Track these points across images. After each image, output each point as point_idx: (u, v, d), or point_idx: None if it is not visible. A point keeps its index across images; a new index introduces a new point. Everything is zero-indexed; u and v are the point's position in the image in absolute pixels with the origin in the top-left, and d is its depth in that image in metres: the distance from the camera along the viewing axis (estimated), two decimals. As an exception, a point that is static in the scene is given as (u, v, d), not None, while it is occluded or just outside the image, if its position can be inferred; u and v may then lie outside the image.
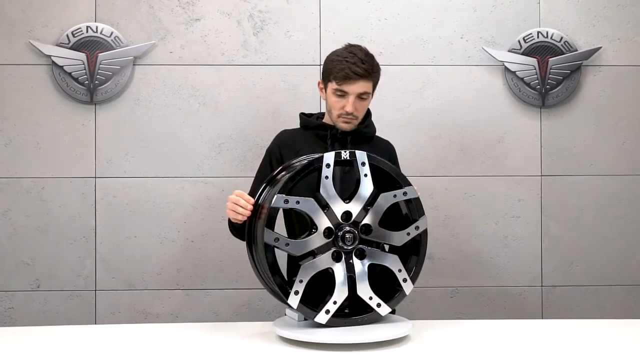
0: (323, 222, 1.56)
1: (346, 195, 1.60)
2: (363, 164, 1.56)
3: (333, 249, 1.57)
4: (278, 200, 1.54)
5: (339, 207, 1.56)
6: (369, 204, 1.57)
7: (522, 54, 2.62)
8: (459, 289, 2.64)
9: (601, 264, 2.65)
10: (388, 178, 1.62)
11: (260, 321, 1.83)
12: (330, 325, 1.57)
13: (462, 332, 1.70)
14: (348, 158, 1.57)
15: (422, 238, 1.65)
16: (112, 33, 2.56)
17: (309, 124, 1.96)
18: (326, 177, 1.55)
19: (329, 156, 1.57)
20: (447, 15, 2.64)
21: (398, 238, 1.61)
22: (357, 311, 1.62)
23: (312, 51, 2.61)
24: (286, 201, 1.54)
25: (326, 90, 1.88)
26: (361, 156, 1.57)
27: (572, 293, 2.65)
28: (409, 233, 1.61)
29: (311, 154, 1.73)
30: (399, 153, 2.12)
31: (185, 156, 2.60)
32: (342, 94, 1.83)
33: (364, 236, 1.58)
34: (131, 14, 2.59)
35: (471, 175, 2.64)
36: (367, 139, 1.95)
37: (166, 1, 2.60)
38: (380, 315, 1.60)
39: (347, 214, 1.58)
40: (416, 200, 1.62)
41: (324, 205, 1.56)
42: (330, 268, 1.56)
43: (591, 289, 2.65)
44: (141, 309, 2.59)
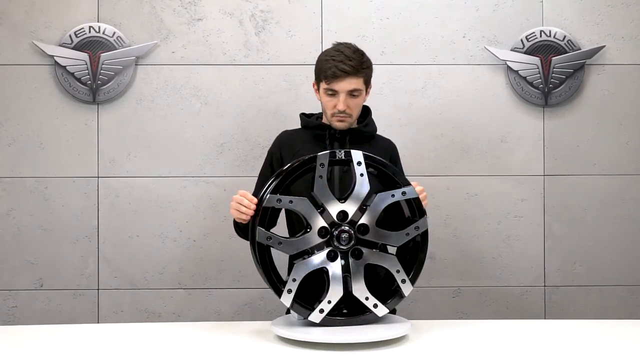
0: (318, 222, 1.56)
1: (345, 194, 1.60)
2: (359, 164, 1.56)
3: (329, 249, 1.57)
4: (271, 200, 1.54)
5: (335, 207, 1.56)
6: (366, 204, 1.56)
7: (525, 53, 2.60)
8: (461, 289, 2.63)
9: (604, 264, 2.63)
10: (389, 178, 1.61)
11: (261, 320, 1.83)
12: (325, 324, 1.57)
13: (463, 333, 1.69)
14: (343, 157, 1.56)
15: (423, 239, 1.63)
16: (115, 33, 2.57)
17: (309, 124, 1.96)
18: (320, 177, 1.55)
19: (323, 156, 1.57)
20: (449, 14, 2.63)
21: (397, 238, 1.59)
22: (356, 311, 1.62)
23: (314, 51, 2.61)
24: (279, 200, 1.55)
25: (319, 90, 1.89)
26: (357, 155, 1.56)
27: (575, 293, 2.63)
28: (408, 233, 1.59)
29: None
30: (401, 153, 2.11)
31: (187, 156, 2.61)
32: (333, 93, 1.83)
33: (361, 236, 1.58)
34: (133, 14, 2.60)
35: (473, 174, 2.63)
36: (368, 138, 1.95)
37: (168, 1, 2.61)
38: (377, 316, 1.59)
39: (343, 214, 1.58)
40: (416, 200, 1.60)
41: (319, 205, 1.56)
42: (324, 267, 1.55)
43: (594, 289, 2.63)
44: (143, 308, 2.60)
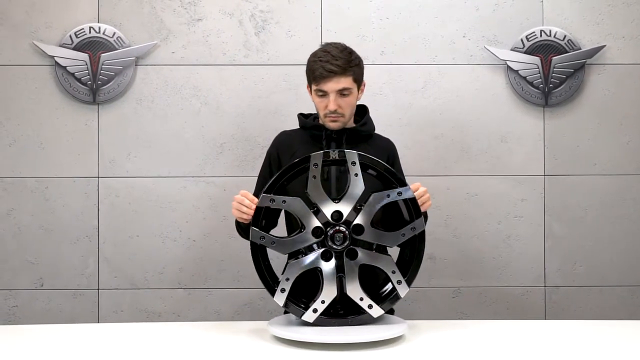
0: (312, 222, 1.57)
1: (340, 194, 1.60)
2: (353, 164, 1.55)
3: (323, 249, 1.57)
4: (264, 199, 1.55)
5: (329, 207, 1.56)
6: (360, 204, 1.56)
7: (525, 53, 2.60)
8: (461, 289, 2.63)
9: (605, 264, 2.62)
10: (387, 178, 1.61)
11: (261, 320, 1.83)
12: (319, 324, 1.57)
13: (462, 333, 1.69)
14: (337, 158, 1.56)
15: (420, 240, 1.61)
16: (115, 33, 2.58)
17: (306, 125, 1.96)
18: (314, 177, 1.55)
19: (317, 156, 1.57)
20: (449, 14, 2.63)
21: (392, 239, 1.58)
22: (353, 311, 1.61)
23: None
24: (272, 200, 1.56)
25: (311, 92, 1.89)
26: (351, 156, 1.56)
27: (576, 293, 2.62)
28: (404, 234, 1.58)
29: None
30: (401, 153, 2.11)
31: (187, 156, 2.61)
32: (323, 94, 1.84)
33: (356, 236, 1.57)
34: (133, 15, 2.60)
35: (473, 174, 2.62)
36: (365, 138, 1.94)
37: (168, 2, 2.61)
38: (371, 316, 1.58)
39: (338, 214, 1.58)
40: (412, 200, 1.58)
41: (312, 204, 1.56)
42: (318, 267, 1.55)
43: (594, 290, 2.62)
44: (143, 308, 2.61)
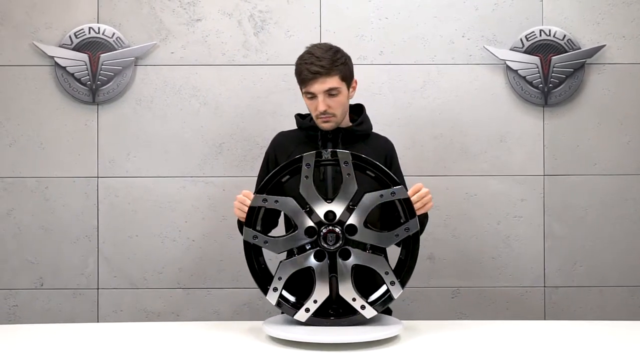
0: (305, 222, 1.57)
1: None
2: (346, 164, 1.55)
3: (316, 248, 1.57)
4: (256, 199, 1.56)
5: (322, 207, 1.56)
6: (353, 204, 1.55)
7: (525, 53, 2.59)
8: (460, 289, 2.62)
9: (605, 265, 2.61)
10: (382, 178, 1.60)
11: (260, 320, 1.83)
12: (312, 324, 1.58)
13: (460, 333, 1.68)
14: (330, 158, 1.56)
15: (414, 241, 1.59)
16: (114, 34, 2.59)
17: (302, 125, 1.96)
18: (306, 177, 1.55)
19: (309, 156, 1.57)
20: (449, 13, 2.62)
21: (386, 240, 1.57)
22: (349, 312, 1.61)
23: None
24: (264, 200, 1.57)
25: (303, 95, 1.89)
26: (343, 155, 1.56)
27: (575, 294, 2.61)
28: (398, 235, 1.56)
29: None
30: (400, 153, 2.11)
31: (186, 156, 2.62)
32: (312, 96, 1.84)
33: (349, 236, 1.57)
34: (133, 15, 2.61)
35: (473, 175, 2.62)
36: (362, 137, 1.94)
37: (167, 2, 2.62)
38: (364, 317, 1.58)
39: (331, 214, 1.58)
40: (406, 201, 1.57)
41: (305, 205, 1.56)
42: (311, 267, 1.56)
43: (595, 290, 2.61)
44: (142, 308, 2.61)
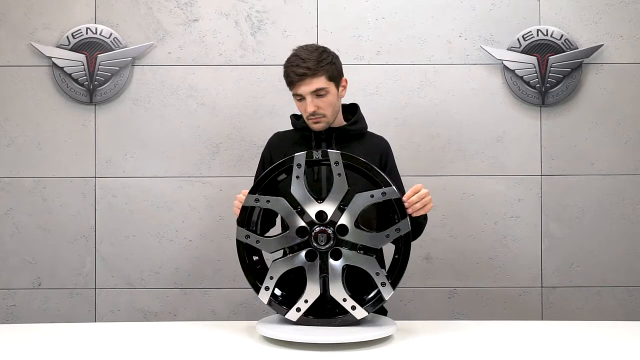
0: (296, 222, 1.57)
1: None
2: (336, 164, 1.55)
3: (308, 248, 1.57)
4: (249, 199, 1.57)
5: (313, 207, 1.57)
6: (344, 204, 1.55)
7: (522, 52, 2.58)
8: (457, 290, 2.62)
9: (602, 265, 2.61)
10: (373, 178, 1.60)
11: (257, 320, 1.83)
12: (303, 323, 1.58)
13: (456, 334, 1.68)
14: (320, 158, 1.56)
15: (405, 241, 1.58)
16: (111, 34, 2.59)
17: (297, 126, 1.96)
18: (297, 177, 1.56)
19: (300, 156, 1.57)
20: (446, 13, 2.62)
21: (376, 240, 1.56)
22: (343, 311, 1.61)
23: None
24: (257, 200, 1.58)
25: (293, 97, 1.90)
26: (334, 156, 1.56)
27: (573, 294, 2.61)
28: (389, 235, 1.55)
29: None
30: (397, 153, 2.11)
31: (183, 156, 2.62)
32: (300, 98, 1.84)
33: (341, 237, 1.57)
34: (130, 16, 2.61)
35: (470, 174, 2.61)
36: (356, 137, 1.94)
37: (165, 2, 2.62)
38: (355, 318, 1.57)
39: (323, 214, 1.58)
40: (397, 201, 1.56)
41: (296, 205, 1.57)
42: (302, 267, 1.56)
43: (592, 290, 2.61)
44: (140, 308, 2.62)
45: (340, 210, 1.56)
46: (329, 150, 1.57)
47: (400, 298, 2.60)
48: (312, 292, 1.56)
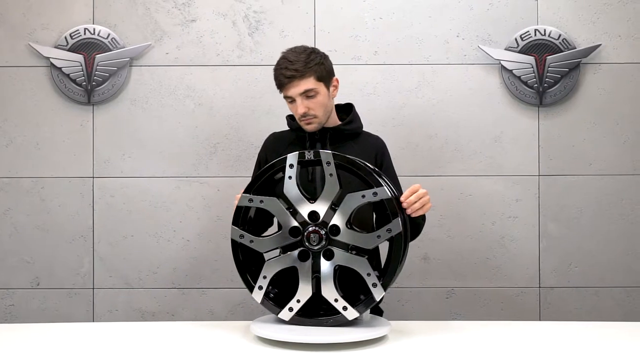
0: (289, 222, 1.58)
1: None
2: (328, 164, 1.55)
3: (301, 248, 1.58)
4: (243, 199, 1.58)
5: (305, 207, 1.57)
6: (335, 204, 1.56)
7: (519, 52, 2.58)
8: (455, 290, 2.61)
9: (600, 265, 2.60)
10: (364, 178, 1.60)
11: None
12: (295, 323, 1.59)
13: (453, 334, 1.67)
14: (312, 158, 1.56)
15: (396, 242, 1.56)
16: (109, 35, 2.60)
17: (292, 126, 1.97)
18: (290, 177, 1.56)
19: (292, 156, 1.58)
20: (443, 13, 2.62)
21: (368, 241, 1.55)
22: (335, 312, 1.61)
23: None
24: (250, 200, 1.59)
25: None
26: (326, 156, 1.56)
27: (571, 295, 2.60)
28: (380, 236, 1.54)
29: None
30: (395, 153, 2.11)
31: (181, 156, 2.63)
32: (291, 100, 1.85)
33: (333, 237, 1.57)
34: (128, 16, 2.62)
35: (467, 175, 2.61)
36: (351, 136, 1.94)
37: (162, 3, 2.63)
38: (347, 318, 1.57)
39: (315, 214, 1.58)
40: (388, 201, 1.55)
41: (289, 205, 1.57)
42: (295, 267, 1.56)
43: (590, 291, 2.60)
44: (137, 307, 2.62)
45: (332, 210, 1.56)
46: (321, 150, 1.57)
47: (397, 298, 2.60)
48: (304, 292, 1.56)
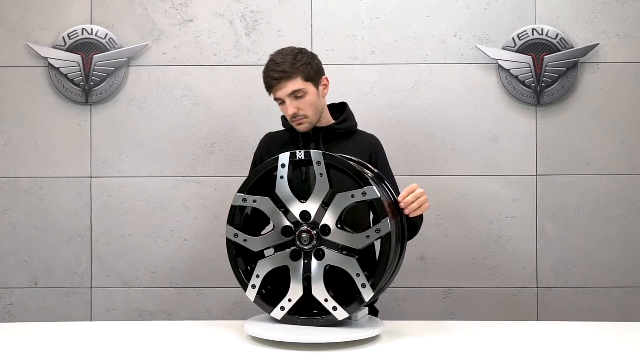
0: (281, 222, 1.59)
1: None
2: (318, 164, 1.56)
3: (293, 248, 1.58)
4: (237, 199, 1.59)
5: (296, 207, 1.57)
6: (326, 204, 1.56)
7: (517, 52, 2.57)
8: (452, 290, 2.61)
9: (598, 266, 2.59)
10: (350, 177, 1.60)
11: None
12: (287, 322, 1.60)
13: (448, 334, 1.67)
14: (303, 158, 1.57)
15: (385, 242, 1.55)
16: (107, 35, 2.61)
17: (287, 126, 1.97)
18: (281, 177, 1.57)
19: (284, 156, 1.58)
20: (440, 13, 2.61)
21: (357, 241, 1.55)
22: (327, 312, 1.61)
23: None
24: (244, 200, 1.60)
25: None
26: (316, 156, 1.56)
27: (568, 295, 2.59)
28: (369, 236, 1.53)
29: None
30: (392, 153, 2.11)
31: (178, 156, 2.63)
32: (281, 102, 1.86)
33: (324, 237, 1.57)
34: (126, 16, 2.63)
35: (465, 175, 2.61)
36: (345, 135, 1.94)
37: (160, 3, 2.63)
38: (337, 319, 1.56)
39: (307, 214, 1.58)
40: (377, 201, 1.54)
41: (280, 204, 1.58)
42: (287, 266, 1.57)
43: (588, 291, 2.59)
44: (135, 307, 2.63)
45: (323, 210, 1.56)
46: (312, 150, 1.57)
47: (394, 298, 2.60)
48: (296, 292, 1.57)
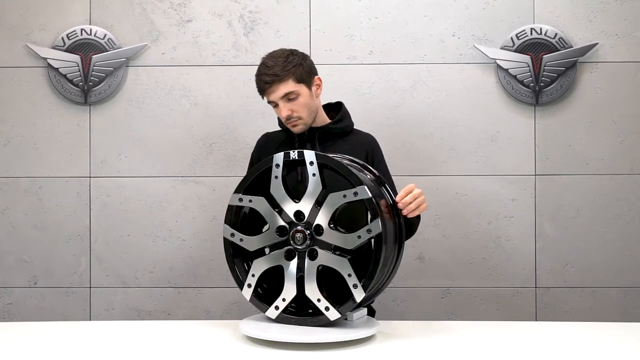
0: (276, 221, 1.60)
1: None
2: (311, 163, 1.56)
3: (287, 247, 1.59)
4: (233, 199, 1.61)
5: (290, 207, 1.58)
6: (319, 204, 1.56)
7: (515, 51, 2.57)
8: (450, 290, 2.61)
9: (597, 266, 2.59)
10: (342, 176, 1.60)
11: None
12: (280, 321, 1.60)
13: (445, 334, 1.66)
14: (297, 158, 1.57)
15: (377, 242, 1.54)
16: (106, 35, 2.61)
17: (283, 126, 1.98)
18: (276, 177, 1.58)
19: (279, 156, 1.59)
20: (439, 12, 2.61)
21: (349, 241, 1.54)
22: (320, 312, 1.61)
23: (303, 51, 2.60)
24: (240, 199, 1.61)
25: None
26: (309, 156, 1.57)
27: (567, 295, 2.59)
28: (360, 236, 1.53)
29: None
30: (390, 152, 2.11)
31: (177, 156, 2.64)
32: (274, 104, 1.87)
33: (317, 237, 1.58)
34: (124, 17, 2.63)
35: (463, 174, 2.60)
36: (340, 135, 1.95)
37: (159, 3, 2.64)
38: (329, 319, 1.56)
39: (300, 214, 1.59)
40: (368, 200, 1.52)
41: (275, 204, 1.58)
42: (281, 265, 1.58)
43: (587, 291, 2.59)
44: (134, 306, 2.64)
45: (316, 210, 1.56)
46: (305, 150, 1.58)
47: (392, 298, 2.60)
48: (290, 291, 1.57)
